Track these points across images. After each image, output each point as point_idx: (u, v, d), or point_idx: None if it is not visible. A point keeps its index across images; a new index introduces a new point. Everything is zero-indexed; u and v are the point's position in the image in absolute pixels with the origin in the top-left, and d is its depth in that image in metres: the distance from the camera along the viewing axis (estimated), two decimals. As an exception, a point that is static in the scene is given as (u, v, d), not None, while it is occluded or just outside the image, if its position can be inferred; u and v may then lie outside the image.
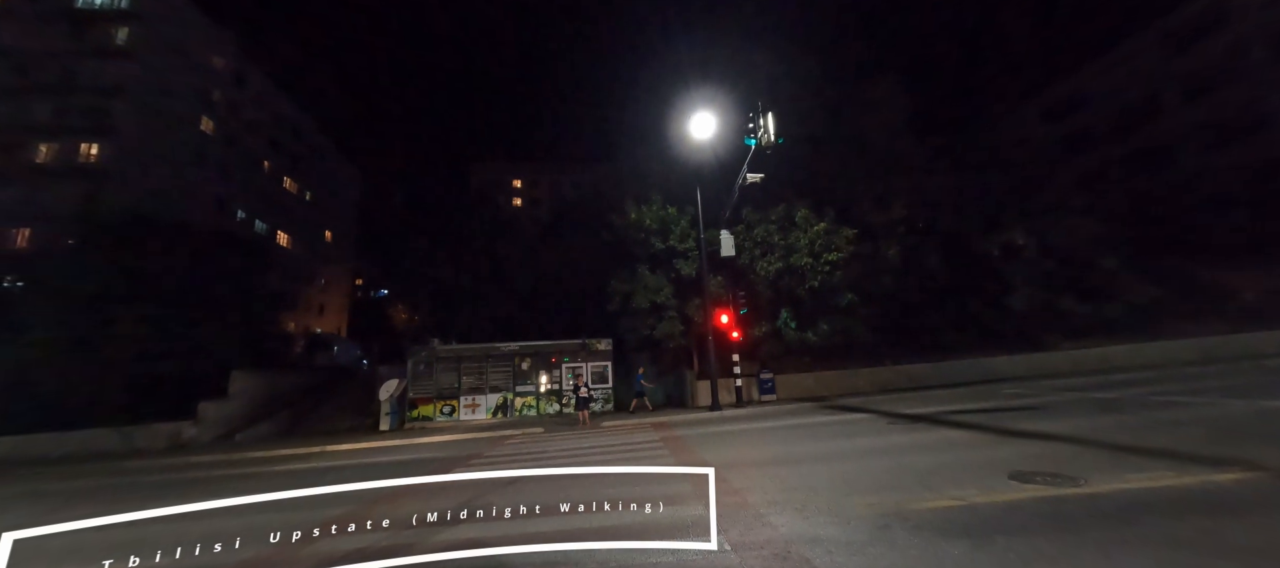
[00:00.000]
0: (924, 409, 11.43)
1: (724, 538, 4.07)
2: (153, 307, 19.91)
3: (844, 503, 4.85)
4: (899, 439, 8.25)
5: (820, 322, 18.54)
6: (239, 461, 13.68)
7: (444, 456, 11.44)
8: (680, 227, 19.29)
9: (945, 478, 5.42)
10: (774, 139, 13.92)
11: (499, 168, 62.09)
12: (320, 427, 20.71)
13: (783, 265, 18.29)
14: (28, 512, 7.94)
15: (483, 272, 27.67)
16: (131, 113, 34.19)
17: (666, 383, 20.77)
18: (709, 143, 16.45)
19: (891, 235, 19.92)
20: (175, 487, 9.80)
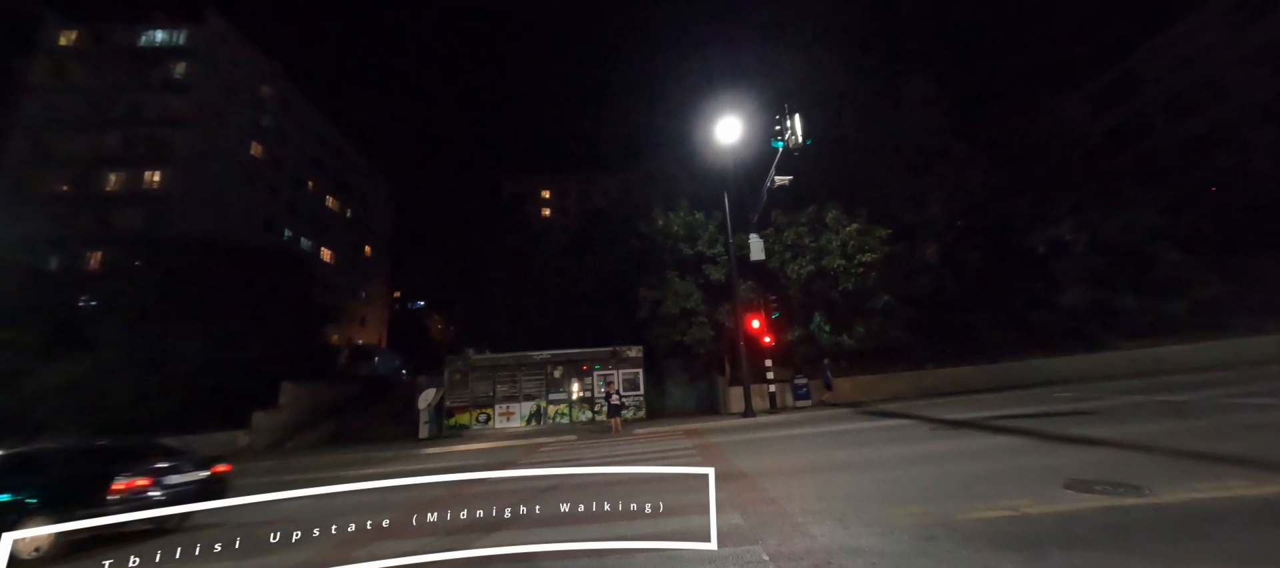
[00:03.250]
0: (969, 414, 10.96)
1: (762, 548, 4.01)
2: (210, 322, 21.16)
3: (886, 513, 4.69)
4: (943, 446, 7.94)
5: (856, 325, 18.07)
6: (290, 467, 14.32)
7: (481, 462, 11.67)
8: (708, 232, 19.20)
9: (994, 487, 5.18)
10: (802, 140, 13.73)
11: (528, 180, 63.30)
12: (364, 435, 21.47)
13: (814, 268, 17.94)
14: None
15: (514, 282, 28.22)
16: (189, 141, 36.55)
17: (698, 389, 20.63)
18: (735, 147, 16.37)
19: (929, 234, 19.29)
20: (234, 491, 10.35)
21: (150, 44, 38.78)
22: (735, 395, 17.52)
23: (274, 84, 44.71)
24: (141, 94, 37.34)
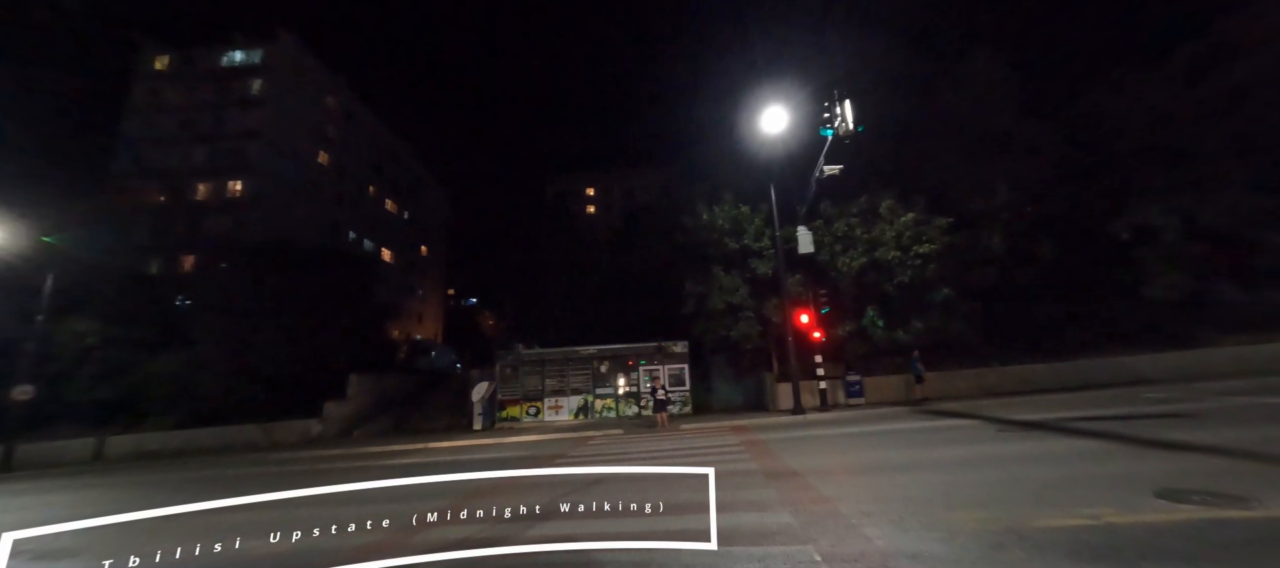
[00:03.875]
0: (1041, 415, 10.23)
1: (814, 548, 3.92)
2: (286, 319, 22.87)
3: (948, 516, 4.46)
4: (1011, 448, 7.46)
5: (912, 319, 17.24)
6: (358, 454, 15.29)
7: (532, 454, 12.03)
8: (754, 225, 18.84)
9: (1072, 493, 4.81)
10: (853, 127, 13.18)
11: (573, 179, 64.31)
12: (422, 425, 22.59)
13: (867, 260, 17.25)
14: (200, 491, 9.43)
15: (560, 278, 28.80)
16: (265, 152, 39.59)
17: (745, 386, 20.34)
18: (781, 137, 15.91)
19: (994, 223, 18.09)
20: (312, 476, 11.20)
21: (231, 64, 42.24)
22: (784, 392, 17.15)
23: (337, 95, 47.65)
24: (224, 110, 40.79)
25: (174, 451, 20.60)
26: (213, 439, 21.08)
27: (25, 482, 14.54)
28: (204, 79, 41.70)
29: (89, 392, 21.74)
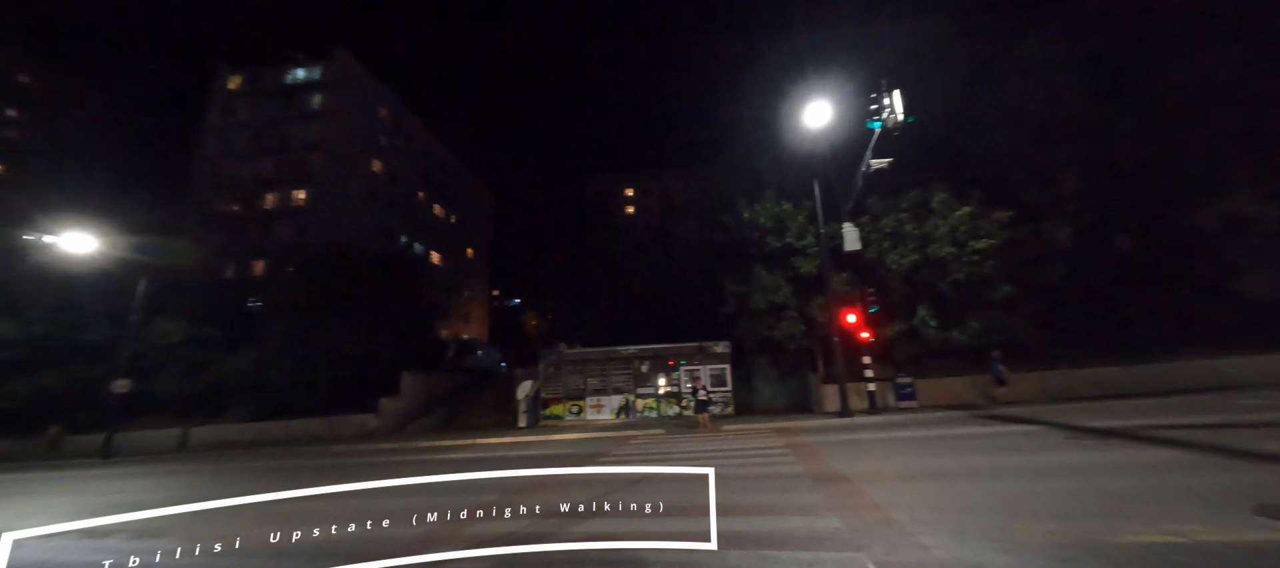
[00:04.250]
0: (1117, 422, 9.46)
1: (867, 556, 3.78)
2: (346, 319, 24.24)
3: (1013, 528, 4.20)
4: (1083, 457, 6.94)
5: (969, 319, 16.35)
6: (412, 449, 16.00)
7: (575, 452, 12.22)
8: (797, 222, 18.38)
9: (1154, 507, 4.43)
10: (902, 118, 12.65)
11: (612, 179, 64.83)
12: (469, 422, 23.38)
13: (918, 257, 16.50)
14: (274, 482, 10.16)
15: (600, 278, 29.11)
16: (324, 163, 42.06)
17: (789, 387, 19.89)
18: (825, 131, 15.43)
19: (1061, 215, 16.93)
20: (372, 469, 11.82)
21: (294, 81, 45.14)
22: (829, 394, 16.66)
23: (389, 106, 50.05)
24: (288, 125, 43.64)
25: (248, 441, 22.25)
26: (281, 431, 22.61)
27: (123, 467, 16.08)
28: (271, 96, 44.78)
29: (175, 386, 23.78)
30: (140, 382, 22.12)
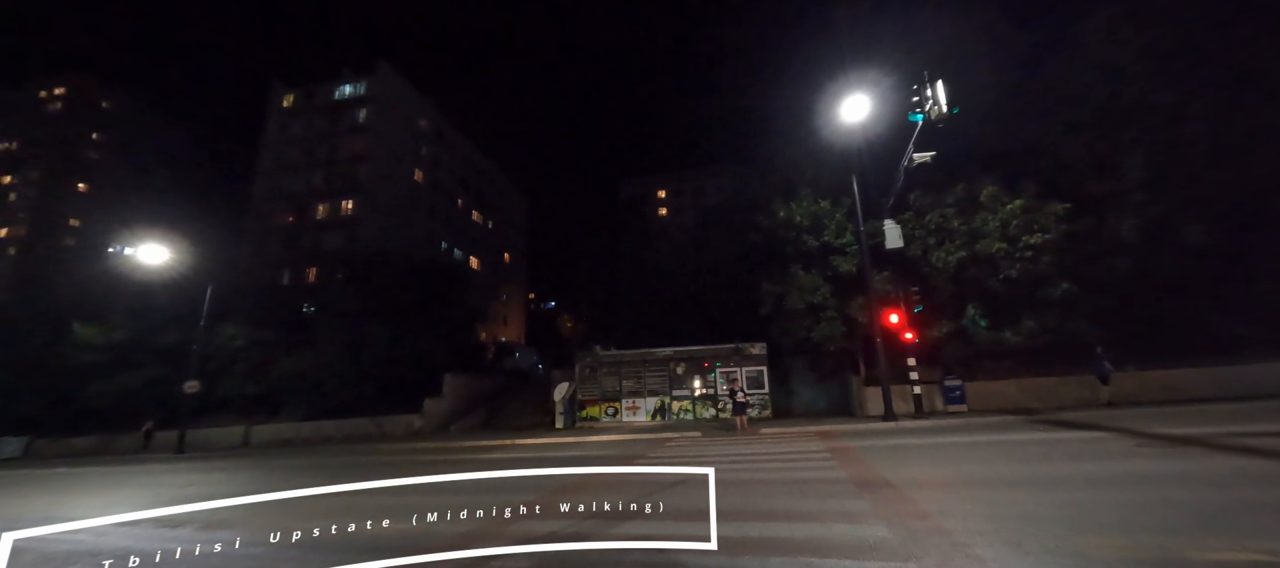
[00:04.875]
0: (1192, 429, 8.75)
1: (917, 567, 3.63)
2: (392, 323, 25.26)
3: (1077, 541, 3.94)
4: (1156, 467, 6.45)
5: (1023, 318, 15.49)
6: (454, 448, 16.49)
7: (613, 453, 12.29)
8: (835, 221, 17.90)
9: (1239, 522, 4.06)
10: (947, 110, 12.12)
11: (645, 182, 65.04)
12: (508, 423, 23.90)
13: (966, 254, 15.76)
14: (329, 477, 10.67)
15: (635, 281, 29.22)
16: (370, 174, 43.99)
17: (829, 390, 19.39)
18: (863, 126, 14.97)
19: (1125, 206, 15.80)
20: (418, 466, 12.27)
21: (341, 97, 47.47)
22: (872, 397, 16.13)
23: (429, 117, 51.92)
24: (337, 138, 45.92)
25: (304, 439, 23.50)
26: (334, 430, 23.76)
27: (195, 462, 17.28)
28: (320, 112, 47.23)
29: (238, 387, 25.37)
30: (208, 383, 23.71)
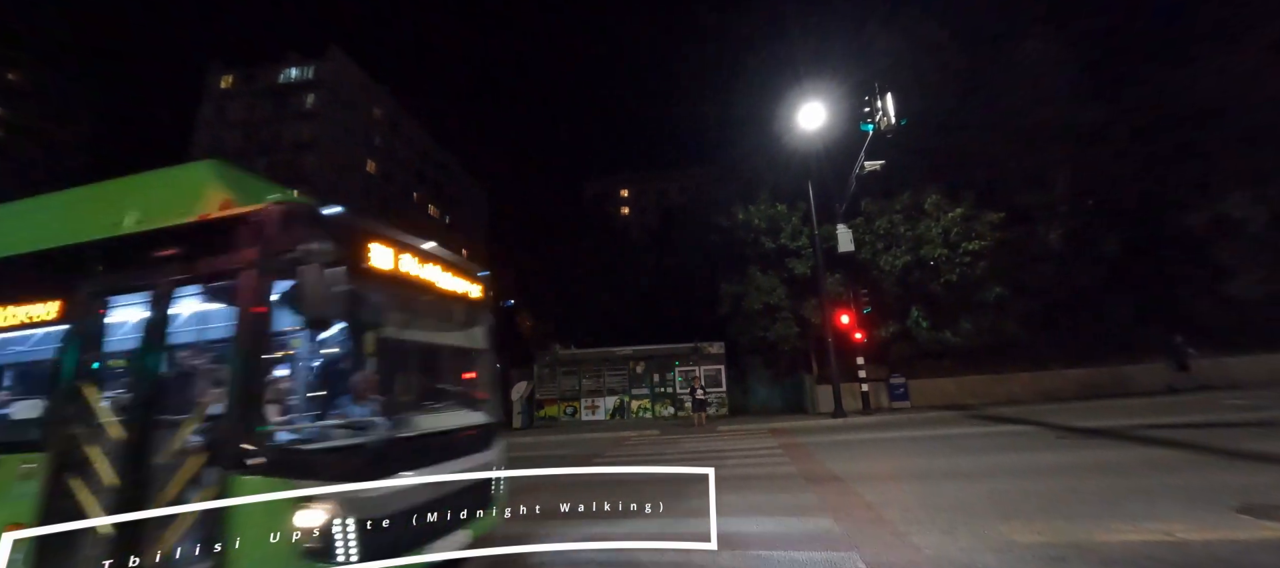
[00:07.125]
0: (1106, 422, 9.58)
1: (858, 556, 3.82)
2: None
3: (1002, 527, 4.26)
4: (1073, 457, 7.03)
5: (961, 320, 16.48)
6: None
7: (571, 453, 12.22)
8: (791, 224, 18.47)
9: (1141, 506, 4.50)
10: (895, 121, 12.78)
11: (608, 181, 64.81)
12: (464, 423, 23.28)
13: (911, 259, 16.62)
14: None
15: (597, 280, 29.10)
16: (318, 163, 41.83)
17: (784, 387, 19.97)
18: (820, 133, 15.56)
19: (1052, 217, 17.08)
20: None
21: (287, 81, 44.90)
22: (824, 395, 16.73)
23: (383, 106, 49.85)
24: (282, 124, 43.40)
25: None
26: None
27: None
28: (263, 96, 44.50)
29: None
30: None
